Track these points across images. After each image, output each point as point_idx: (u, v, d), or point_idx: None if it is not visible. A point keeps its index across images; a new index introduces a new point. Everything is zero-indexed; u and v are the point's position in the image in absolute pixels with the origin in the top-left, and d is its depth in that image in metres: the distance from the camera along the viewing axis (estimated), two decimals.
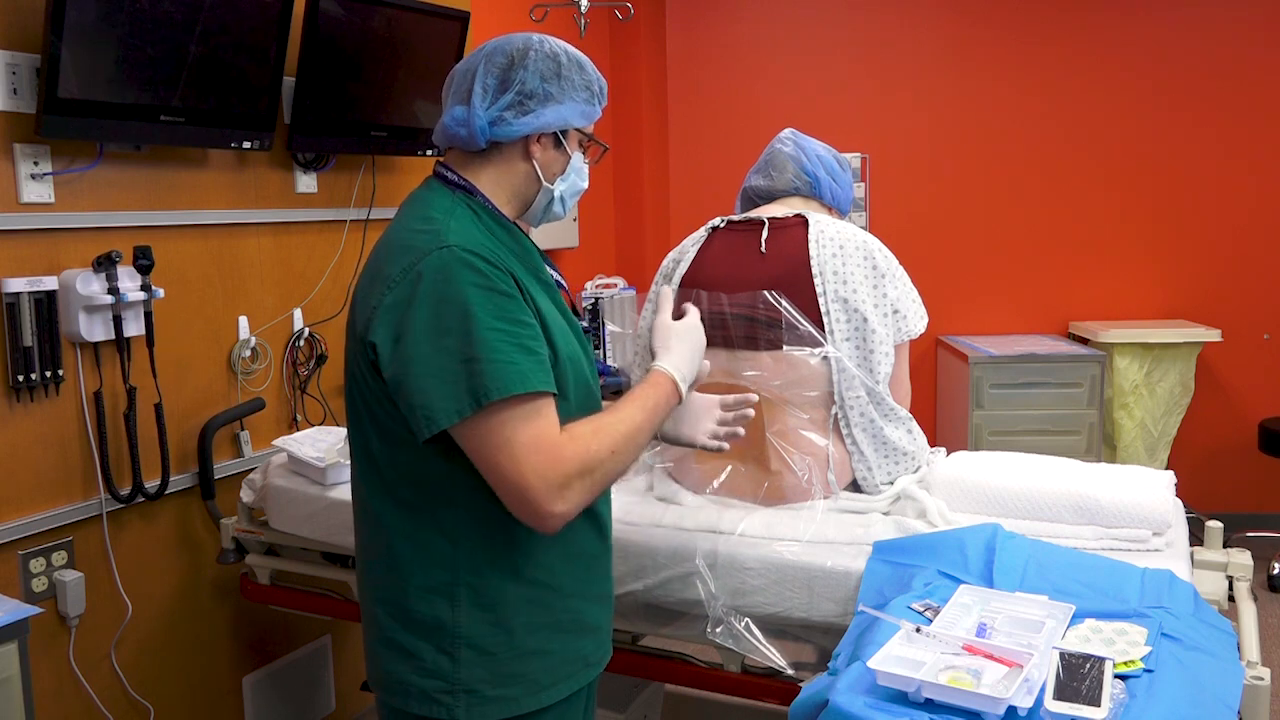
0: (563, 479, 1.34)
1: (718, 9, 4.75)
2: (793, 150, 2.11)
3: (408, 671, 1.45)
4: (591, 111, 1.52)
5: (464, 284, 1.34)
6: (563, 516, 1.35)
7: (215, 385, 2.59)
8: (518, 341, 1.34)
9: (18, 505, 2.15)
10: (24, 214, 2.12)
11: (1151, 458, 4.40)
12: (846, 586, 1.74)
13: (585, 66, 1.52)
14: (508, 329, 1.34)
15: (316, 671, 2.90)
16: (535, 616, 1.46)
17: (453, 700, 1.43)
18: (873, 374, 1.92)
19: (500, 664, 1.43)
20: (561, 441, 1.35)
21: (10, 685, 1.70)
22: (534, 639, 1.45)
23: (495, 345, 1.32)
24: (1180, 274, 4.59)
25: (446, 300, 1.33)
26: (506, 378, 1.32)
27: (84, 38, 2.05)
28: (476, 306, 1.33)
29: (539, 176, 1.50)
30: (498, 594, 1.43)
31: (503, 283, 1.36)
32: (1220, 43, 4.46)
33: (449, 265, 1.35)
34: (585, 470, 1.36)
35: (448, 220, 1.42)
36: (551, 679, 1.47)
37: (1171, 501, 1.82)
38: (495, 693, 1.43)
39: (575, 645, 1.50)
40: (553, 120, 1.48)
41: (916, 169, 4.68)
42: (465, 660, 1.43)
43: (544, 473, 1.33)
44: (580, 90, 1.50)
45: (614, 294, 4.25)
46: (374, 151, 2.93)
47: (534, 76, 1.46)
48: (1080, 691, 1.20)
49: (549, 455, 1.33)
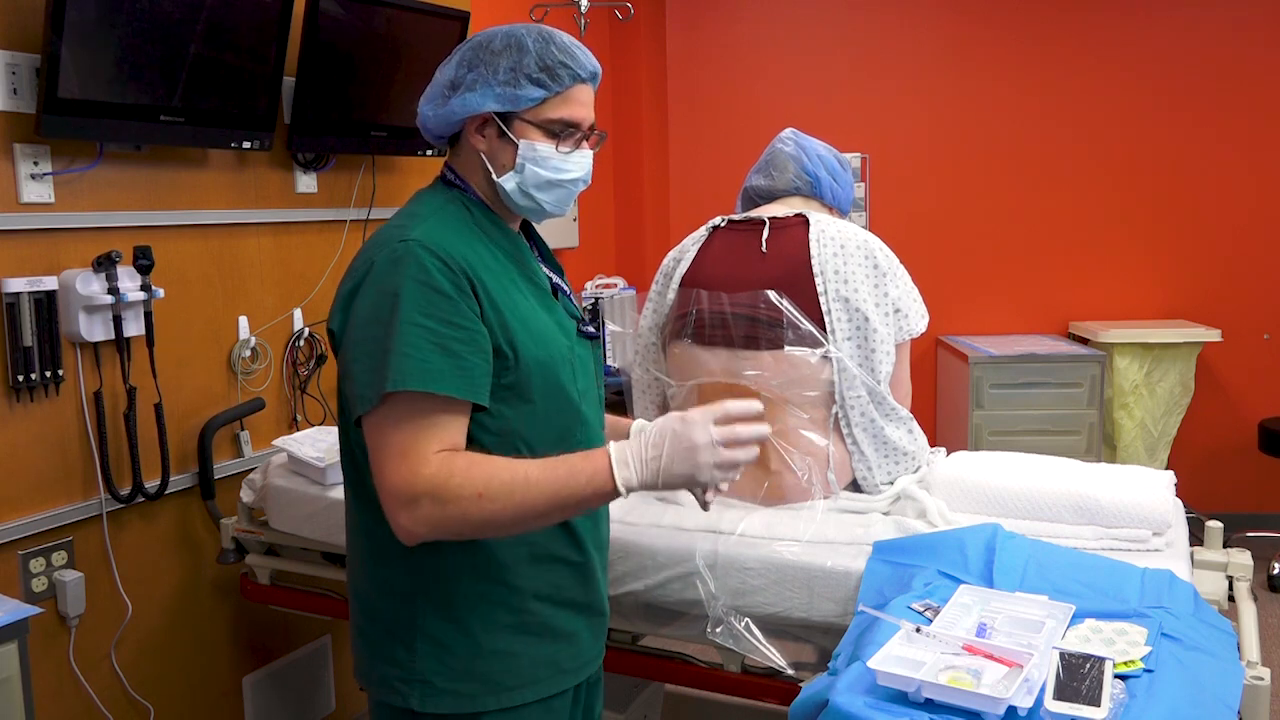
0: (411, 495, 1.30)
1: (718, 9, 4.75)
2: (793, 150, 2.12)
3: (375, 660, 1.49)
4: (517, 95, 1.42)
5: (403, 276, 1.35)
6: (412, 533, 1.32)
7: (215, 385, 2.59)
8: (439, 341, 1.33)
9: (18, 505, 2.15)
10: (24, 214, 2.12)
11: (1151, 458, 4.40)
12: (846, 586, 1.74)
13: (525, 48, 1.42)
14: (432, 327, 1.33)
15: (316, 671, 2.90)
16: (494, 616, 1.45)
17: (408, 689, 1.45)
18: (874, 373, 1.92)
19: (456, 660, 1.44)
20: (428, 458, 1.31)
21: (10, 685, 1.70)
22: (493, 639, 1.45)
23: (411, 339, 1.32)
24: (1180, 274, 4.59)
25: (384, 290, 1.35)
26: (409, 372, 1.31)
27: (84, 38, 2.05)
28: (406, 299, 1.34)
29: (488, 169, 1.48)
30: (453, 590, 1.44)
31: (446, 281, 1.35)
32: (1220, 43, 4.46)
33: (399, 258, 1.36)
34: (437, 498, 1.30)
35: (426, 216, 1.43)
36: (516, 681, 1.46)
37: (1171, 501, 1.83)
38: (450, 686, 1.44)
39: (544, 650, 1.49)
40: (458, 109, 1.44)
41: (916, 169, 4.68)
42: (421, 652, 1.45)
43: (397, 481, 1.31)
44: (501, 73, 1.41)
45: (614, 294, 4.25)
46: (374, 151, 2.93)
47: (457, 66, 1.46)
48: (1080, 691, 1.20)
49: (409, 466, 1.31)
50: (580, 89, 1.47)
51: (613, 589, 1.87)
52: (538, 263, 1.55)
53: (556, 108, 1.45)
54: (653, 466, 1.33)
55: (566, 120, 1.46)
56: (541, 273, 1.54)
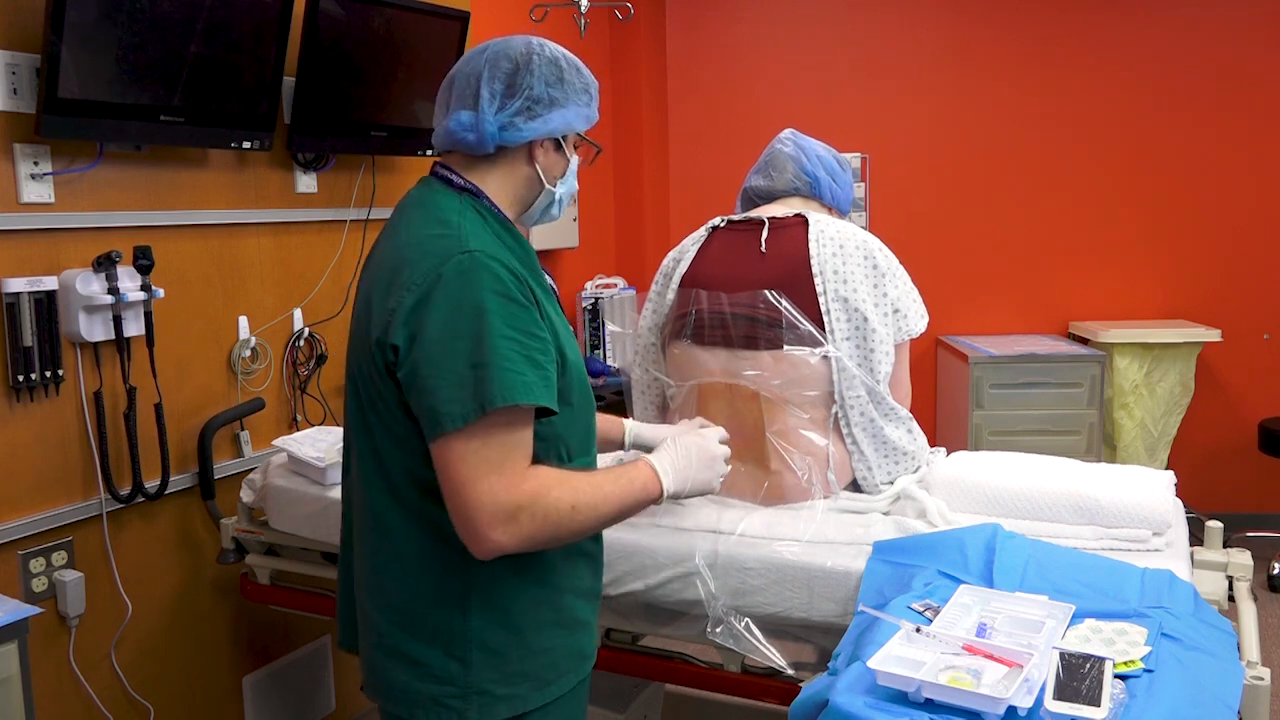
0: (512, 510, 1.32)
1: (718, 9, 4.75)
2: (793, 150, 2.11)
3: (413, 679, 1.44)
4: (591, 114, 1.53)
5: (482, 289, 1.34)
6: (499, 547, 1.33)
7: (215, 385, 2.59)
8: (526, 353, 1.35)
9: (18, 505, 2.15)
10: (24, 214, 2.12)
11: (1151, 458, 4.40)
12: (846, 586, 1.74)
13: (582, 70, 1.53)
14: (519, 339, 1.34)
15: (316, 671, 2.90)
16: (541, 615, 1.47)
17: (464, 704, 1.42)
18: (873, 373, 1.92)
19: (509, 663, 1.44)
20: (523, 473, 1.35)
21: (10, 685, 1.70)
22: (540, 637, 1.46)
23: (505, 353, 1.32)
24: (1180, 274, 4.59)
25: (463, 304, 1.33)
26: (513, 386, 1.32)
27: (84, 38, 2.05)
28: (491, 313, 1.33)
29: (541, 179, 1.51)
30: (506, 595, 1.44)
31: (520, 292, 1.37)
32: (1220, 43, 4.46)
33: (470, 270, 1.34)
34: (537, 513, 1.33)
35: (462, 224, 1.41)
36: (555, 674, 1.49)
37: (1171, 501, 1.83)
38: (505, 691, 1.44)
39: (574, 640, 1.52)
40: (559, 125, 1.49)
41: (916, 169, 4.68)
42: (476, 663, 1.42)
43: (496, 497, 1.32)
44: (581, 94, 1.51)
45: (614, 294, 4.25)
46: (374, 151, 2.93)
47: (540, 82, 1.47)
48: (1080, 691, 1.20)
49: (507, 481, 1.32)
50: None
51: (613, 589, 1.88)
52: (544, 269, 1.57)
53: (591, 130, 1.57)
54: (684, 475, 1.57)
55: (587, 137, 1.58)
56: (546, 279, 1.56)
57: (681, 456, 1.57)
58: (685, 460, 1.57)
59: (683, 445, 1.59)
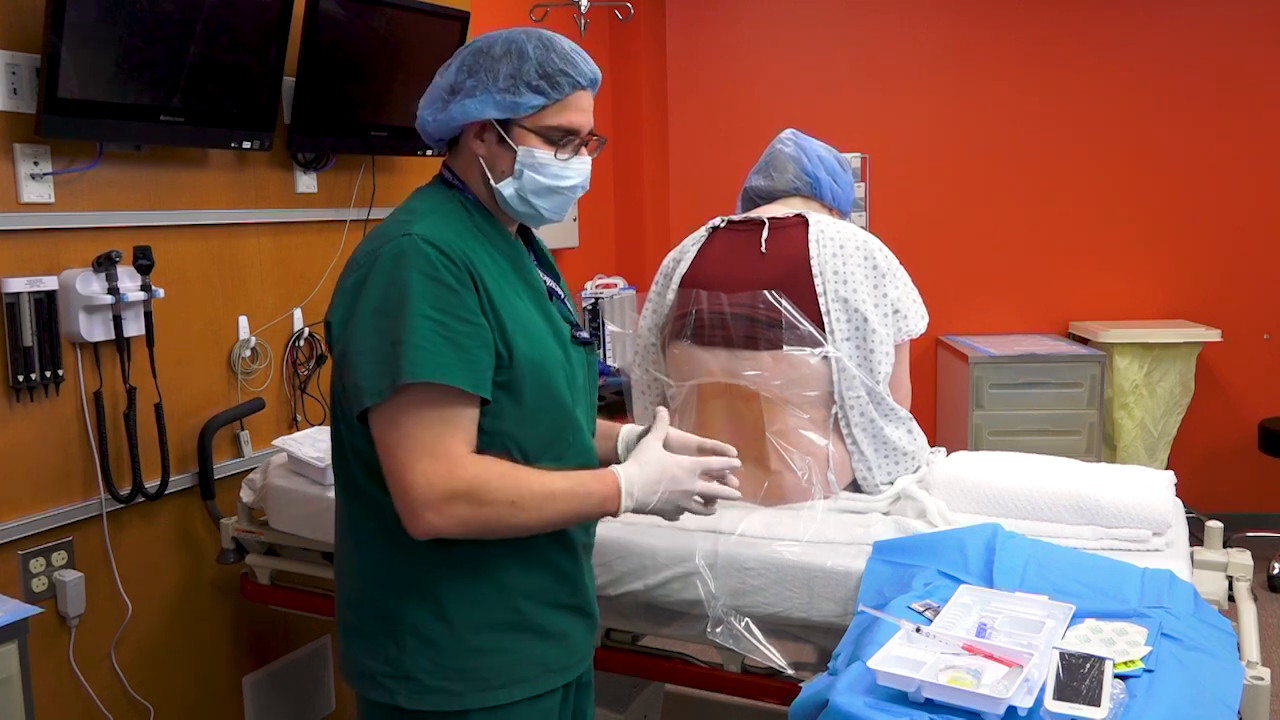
0: (446, 494, 1.33)
1: (718, 9, 4.75)
2: (793, 150, 2.12)
3: (363, 655, 1.49)
4: (517, 102, 1.42)
5: (411, 270, 1.36)
6: (433, 528, 1.35)
7: (215, 385, 2.59)
8: (448, 335, 1.35)
9: (18, 505, 2.15)
10: (24, 214, 2.12)
11: (1151, 458, 4.40)
12: (846, 586, 1.74)
13: (525, 55, 1.42)
14: (441, 320, 1.35)
15: (316, 671, 2.90)
16: (484, 614, 1.45)
17: (395, 685, 1.46)
18: (873, 374, 1.92)
19: (442, 655, 1.44)
20: (463, 459, 1.35)
21: (10, 685, 1.70)
22: (480, 636, 1.45)
23: (422, 331, 1.34)
24: (1180, 274, 4.59)
25: (392, 284, 1.36)
26: (422, 363, 1.33)
27: (84, 38, 2.05)
28: (415, 292, 1.35)
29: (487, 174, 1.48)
30: (440, 587, 1.44)
31: (451, 275, 1.36)
32: (1220, 43, 4.46)
33: (404, 252, 1.37)
34: (475, 500, 1.34)
35: (426, 212, 1.44)
36: (502, 680, 1.46)
37: (1171, 501, 1.83)
38: (436, 683, 1.44)
39: (531, 649, 1.48)
40: (458, 115, 1.45)
41: (916, 169, 4.68)
42: (409, 647, 1.45)
43: (430, 479, 1.33)
44: (502, 80, 1.42)
45: (614, 294, 4.25)
46: (374, 151, 2.93)
47: (457, 71, 1.46)
48: (1080, 691, 1.20)
49: (443, 465, 1.33)
50: (580, 96, 1.46)
51: (613, 589, 1.88)
52: (534, 267, 1.55)
53: (556, 115, 1.45)
54: (649, 499, 1.48)
55: (566, 128, 1.46)
56: (538, 276, 1.54)
57: (652, 482, 1.47)
58: (654, 486, 1.47)
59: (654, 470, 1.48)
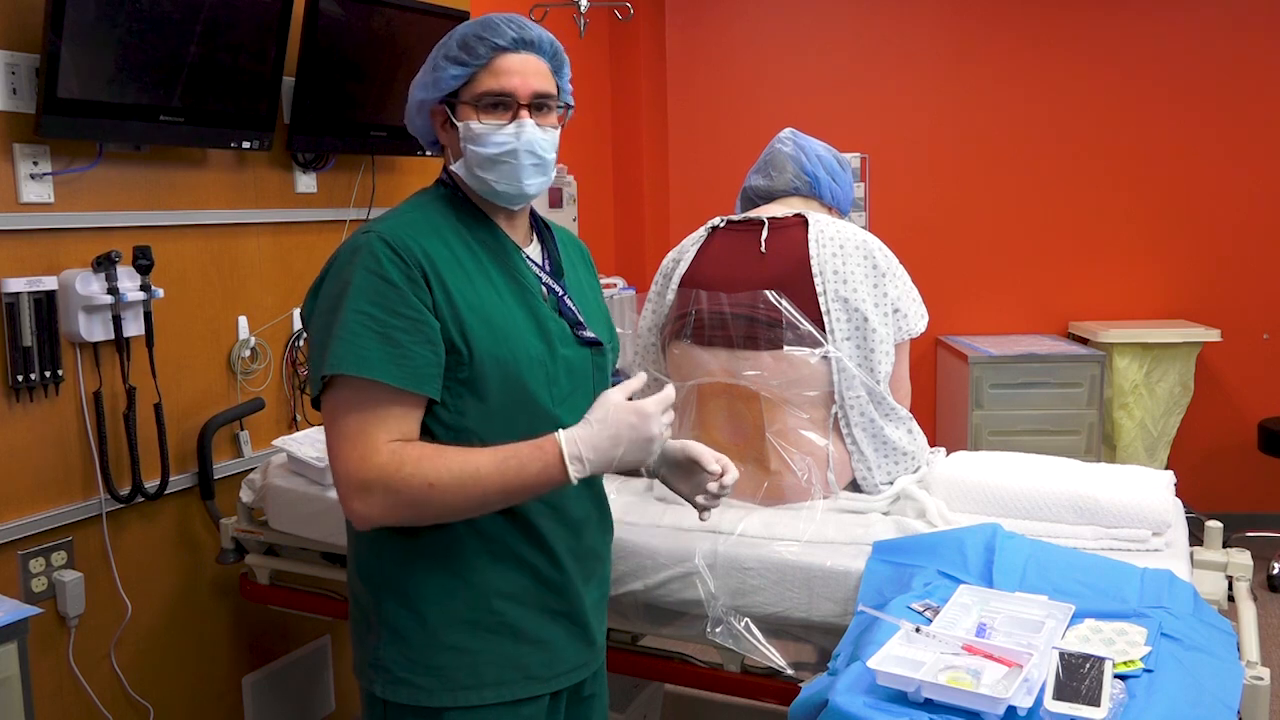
0: (362, 482, 1.35)
1: (718, 9, 4.75)
2: (793, 150, 2.12)
3: (355, 645, 1.54)
4: (438, 78, 1.45)
5: (357, 266, 1.39)
6: (364, 517, 1.37)
7: (215, 385, 2.59)
8: (381, 329, 1.36)
9: (17, 505, 2.15)
10: (24, 214, 2.12)
11: (1151, 458, 4.40)
12: (846, 586, 1.74)
13: (454, 33, 1.47)
14: (376, 315, 1.36)
15: (316, 671, 2.90)
16: (451, 610, 1.45)
17: (373, 674, 1.49)
18: (873, 373, 1.92)
19: (413, 650, 1.45)
20: (380, 446, 1.35)
21: (10, 685, 1.70)
22: (451, 633, 1.45)
23: (352, 326, 1.36)
24: (1180, 274, 4.59)
25: (339, 280, 1.40)
26: (344, 358, 1.35)
27: (84, 38, 2.05)
28: (354, 288, 1.37)
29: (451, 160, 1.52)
30: (411, 581, 1.46)
31: (397, 271, 1.37)
32: (1221, 43, 4.46)
33: (357, 248, 1.41)
34: (389, 487, 1.34)
35: (401, 211, 1.48)
36: (475, 681, 1.45)
37: (1171, 501, 1.83)
38: (406, 676, 1.46)
39: (508, 652, 1.46)
40: (412, 109, 1.53)
41: (916, 169, 4.68)
42: (385, 640, 1.48)
43: (350, 467, 1.36)
44: (429, 63, 1.48)
45: (614, 294, 4.25)
46: (374, 151, 2.93)
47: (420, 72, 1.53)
48: (1080, 691, 1.20)
49: (360, 453, 1.35)
50: (505, 59, 1.44)
51: (613, 589, 1.87)
52: (525, 262, 1.52)
53: (483, 81, 1.44)
54: (608, 456, 1.37)
55: (493, 91, 1.43)
56: (529, 273, 1.51)
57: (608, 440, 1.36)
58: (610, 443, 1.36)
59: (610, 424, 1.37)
